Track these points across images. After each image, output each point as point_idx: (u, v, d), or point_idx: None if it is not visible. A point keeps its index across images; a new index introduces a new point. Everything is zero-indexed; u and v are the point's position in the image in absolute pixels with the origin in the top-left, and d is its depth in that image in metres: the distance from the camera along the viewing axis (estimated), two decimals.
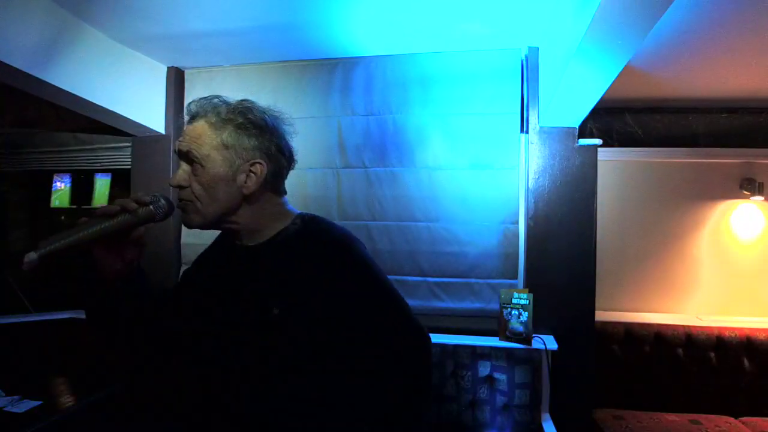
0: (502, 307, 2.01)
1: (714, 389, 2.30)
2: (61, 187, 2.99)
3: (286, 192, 0.96)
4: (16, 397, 1.84)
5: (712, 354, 2.33)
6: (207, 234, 0.98)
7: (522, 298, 1.98)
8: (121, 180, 2.80)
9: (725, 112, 2.55)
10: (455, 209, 2.18)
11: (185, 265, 2.40)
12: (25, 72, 1.66)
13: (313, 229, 0.92)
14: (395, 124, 2.24)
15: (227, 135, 0.87)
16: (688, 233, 2.57)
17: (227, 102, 0.91)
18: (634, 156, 2.57)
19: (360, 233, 2.21)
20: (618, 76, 1.59)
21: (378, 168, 2.26)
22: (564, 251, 2.09)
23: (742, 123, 2.54)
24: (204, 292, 0.96)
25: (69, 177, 2.97)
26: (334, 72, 2.30)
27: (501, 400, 2.01)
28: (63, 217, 3.07)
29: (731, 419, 2.16)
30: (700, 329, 2.36)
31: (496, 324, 2.05)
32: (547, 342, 1.96)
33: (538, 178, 2.12)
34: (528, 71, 2.14)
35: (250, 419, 0.87)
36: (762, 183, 2.45)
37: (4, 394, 1.87)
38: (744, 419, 2.17)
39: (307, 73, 2.32)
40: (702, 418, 2.14)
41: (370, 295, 0.89)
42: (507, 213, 2.14)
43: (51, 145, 2.69)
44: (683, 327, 2.38)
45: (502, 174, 2.15)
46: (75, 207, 2.98)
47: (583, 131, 2.40)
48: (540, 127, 2.12)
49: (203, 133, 0.86)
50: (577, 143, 2.09)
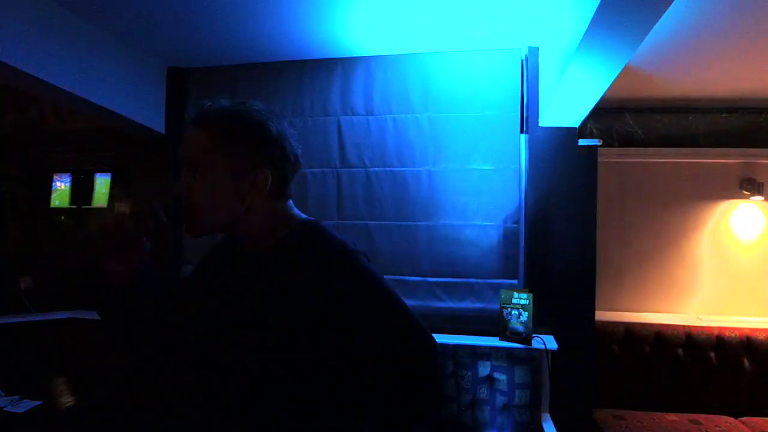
0: (502, 307, 2.01)
1: (714, 389, 2.29)
2: (61, 187, 2.99)
3: (290, 196, 0.95)
4: (16, 397, 1.83)
5: (712, 354, 2.33)
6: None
7: (522, 298, 1.98)
8: (121, 180, 2.80)
9: (725, 112, 2.55)
10: (455, 209, 2.18)
11: (185, 265, 2.40)
12: (26, 72, 1.66)
13: (314, 238, 0.90)
14: (395, 124, 2.24)
15: (230, 143, 0.85)
16: (688, 233, 2.57)
17: (228, 108, 0.88)
18: (634, 156, 2.57)
19: (360, 233, 2.22)
20: (618, 76, 1.60)
21: (378, 168, 2.26)
22: (564, 251, 2.09)
23: (742, 123, 2.54)
24: (206, 295, 0.96)
25: (69, 177, 2.97)
26: (334, 72, 2.30)
27: (501, 400, 2.01)
28: (63, 217, 3.07)
29: (731, 419, 2.16)
30: (700, 329, 2.36)
31: (496, 324, 2.05)
32: (547, 342, 1.96)
33: (538, 178, 2.12)
34: (528, 71, 2.14)
35: (250, 420, 0.87)
36: (762, 183, 2.45)
37: (4, 394, 1.87)
38: (744, 419, 2.17)
39: (307, 73, 2.33)
40: (702, 418, 2.14)
41: (371, 303, 0.88)
42: (507, 213, 2.14)
43: (51, 145, 2.69)
44: (683, 327, 2.37)
45: (502, 174, 2.15)
46: (75, 207, 2.98)
47: (583, 131, 2.40)
48: (540, 127, 2.12)
49: (205, 141, 0.85)
50: (577, 143, 2.09)
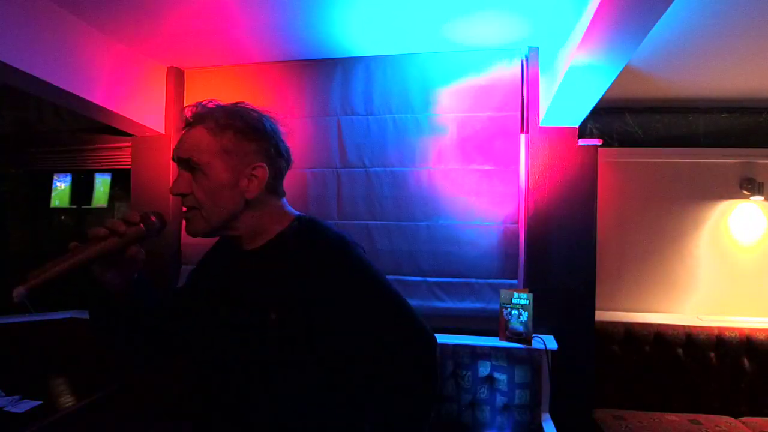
0: (502, 307, 2.01)
1: (714, 389, 2.29)
2: (61, 187, 2.99)
3: (284, 193, 0.96)
4: (16, 397, 1.84)
5: (712, 354, 2.33)
6: None
7: (522, 298, 1.98)
8: (121, 180, 2.80)
9: (725, 112, 2.55)
10: (455, 209, 2.18)
11: (185, 265, 2.40)
12: (25, 72, 1.66)
13: (311, 233, 0.91)
14: (395, 124, 2.24)
15: (227, 140, 0.86)
16: (688, 233, 2.57)
17: (223, 106, 0.89)
18: (634, 156, 2.57)
19: (360, 233, 2.22)
20: (618, 76, 1.60)
21: (378, 168, 2.26)
22: (564, 251, 2.09)
23: (742, 123, 2.54)
24: (205, 294, 0.96)
25: (69, 177, 2.98)
26: (334, 72, 2.30)
27: (501, 400, 2.01)
28: (63, 217, 3.07)
29: (731, 419, 2.16)
30: (700, 329, 2.36)
31: (496, 324, 2.05)
32: (547, 342, 1.96)
33: (538, 178, 2.12)
34: (528, 71, 2.14)
35: (250, 420, 0.87)
36: (762, 183, 2.45)
37: (4, 394, 1.87)
38: (744, 419, 2.17)
39: (307, 73, 2.33)
40: (702, 418, 2.14)
41: (369, 298, 0.88)
42: (507, 213, 2.14)
43: (51, 145, 2.69)
44: (683, 327, 2.37)
45: (502, 174, 2.15)
46: (75, 207, 2.98)
47: (583, 131, 2.40)
48: (540, 127, 2.12)
49: (202, 140, 0.85)
50: (578, 143, 2.09)
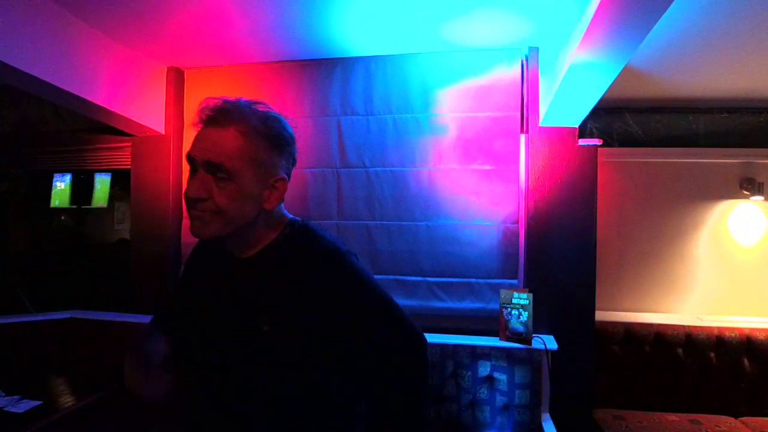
0: (502, 307, 2.01)
1: (714, 389, 2.29)
2: (61, 187, 2.99)
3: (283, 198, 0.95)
4: (16, 397, 1.83)
5: (712, 354, 2.33)
6: None
7: (522, 298, 1.98)
8: (121, 180, 2.80)
9: (725, 112, 2.55)
10: (455, 209, 2.18)
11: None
12: (25, 72, 1.66)
13: (303, 241, 0.89)
14: (395, 124, 2.24)
15: (261, 149, 0.81)
16: (688, 233, 2.57)
17: (256, 110, 0.83)
18: (634, 156, 2.57)
19: (360, 233, 2.23)
20: (618, 76, 1.60)
21: (378, 168, 2.26)
22: (564, 251, 2.09)
23: (742, 123, 2.54)
24: (199, 302, 0.94)
25: (69, 177, 2.98)
26: (334, 72, 2.30)
27: (501, 400, 2.01)
28: (63, 217, 3.08)
29: (731, 419, 2.16)
30: (700, 329, 2.36)
31: (496, 324, 2.05)
32: (547, 342, 1.96)
33: (538, 178, 2.12)
34: (528, 71, 2.14)
35: (249, 421, 0.87)
36: (762, 183, 2.45)
37: (4, 394, 1.87)
38: (744, 419, 2.17)
39: (307, 74, 2.32)
40: (702, 418, 2.14)
41: (361, 306, 0.87)
42: (507, 213, 2.14)
43: (51, 145, 2.69)
44: (683, 327, 2.37)
45: (502, 174, 2.15)
46: (75, 207, 2.98)
47: (583, 131, 2.41)
48: (540, 127, 2.12)
49: (235, 145, 0.79)
50: (578, 143, 2.09)
